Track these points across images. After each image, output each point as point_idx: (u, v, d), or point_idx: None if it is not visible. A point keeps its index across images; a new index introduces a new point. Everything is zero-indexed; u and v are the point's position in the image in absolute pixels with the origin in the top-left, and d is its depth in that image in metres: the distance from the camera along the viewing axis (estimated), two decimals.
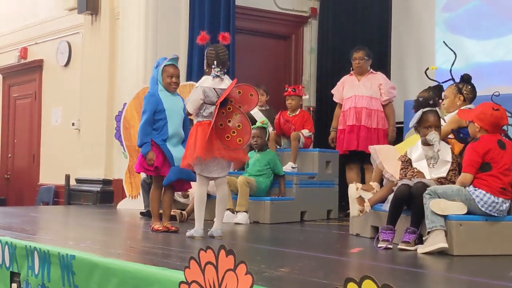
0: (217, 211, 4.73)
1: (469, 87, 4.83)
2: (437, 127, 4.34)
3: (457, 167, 4.33)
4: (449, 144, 4.55)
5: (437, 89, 5.28)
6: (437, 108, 4.45)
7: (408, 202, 4.19)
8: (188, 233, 4.67)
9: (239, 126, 4.49)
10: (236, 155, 4.62)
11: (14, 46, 10.61)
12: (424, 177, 4.28)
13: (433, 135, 4.30)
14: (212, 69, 4.60)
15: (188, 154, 4.60)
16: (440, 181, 4.27)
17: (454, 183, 4.22)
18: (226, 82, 4.61)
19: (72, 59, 9.42)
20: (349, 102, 6.85)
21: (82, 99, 8.90)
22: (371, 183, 4.91)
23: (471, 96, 4.82)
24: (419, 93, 5.43)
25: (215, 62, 4.60)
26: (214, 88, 4.57)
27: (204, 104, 4.58)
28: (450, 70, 4.77)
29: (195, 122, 4.67)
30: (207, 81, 4.63)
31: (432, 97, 4.52)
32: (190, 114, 4.76)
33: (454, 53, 4.87)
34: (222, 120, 4.49)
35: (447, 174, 4.31)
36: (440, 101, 4.87)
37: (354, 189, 4.73)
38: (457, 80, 4.89)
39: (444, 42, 5.28)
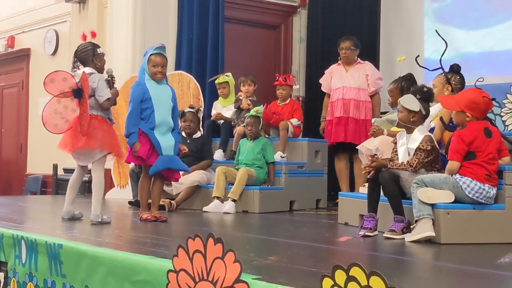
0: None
1: (458, 77, 4.83)
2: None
3: (439, 155, 4.33)
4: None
5: (407, 79, 5.28)
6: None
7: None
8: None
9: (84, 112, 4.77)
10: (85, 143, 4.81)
11: (1, 34, 10.54)
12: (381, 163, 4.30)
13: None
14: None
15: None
16: (404, 168, 4.24)
17: (434, 171, 4.24)
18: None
19: (59, 48, 9.36)
20: (337, 93, 6.85)
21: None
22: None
23: (460, 87, 4.82)
24: (389, 84, 5.43)
25: (75, 58, 4.95)
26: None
27: None
28: (440, 60, 4.77)
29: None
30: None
31: (422, 87, 4.49)
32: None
33: (445, 43, 4.86)
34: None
35: (427, 160, 4.26)
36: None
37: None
38: (447, 69, 4.89)
39: (436, 31, 5.25)
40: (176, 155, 5.06)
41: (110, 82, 5.06)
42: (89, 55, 4.92)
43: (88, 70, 4.87)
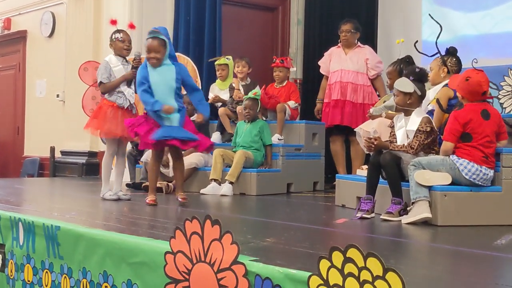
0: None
1: (454, 59, 4.83)
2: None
3: (437, 137, 4.34)
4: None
5: (406, 61, 5.27)
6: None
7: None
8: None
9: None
10: None
11: None
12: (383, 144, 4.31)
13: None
14: None
15: None
16: (405, 150, 4.25)
17: (432, 153, 4.25)
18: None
19: (56, 30, 9.31)
20: (335, 76, 6.83)
21: (66, 71, 8.81)
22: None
23: (456, 69, 4.82)
24: (387, 67, 5.42)
25: None
26: None
27: None
28: (436, 43, 4.77)
29: None
30: None
31: (414, 68, 4.49)
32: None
33: (440, 26, 4.86)
34: None
35: (426, 142, 4.26)
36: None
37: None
38: (443, 52, 4.88)
39: (429, 14, 5.26)
40: (181, 127, 4.87)
41: (132, 63, 5.20)
42: (109, 41, 5.36)
43: (107, 58, 5.30)
